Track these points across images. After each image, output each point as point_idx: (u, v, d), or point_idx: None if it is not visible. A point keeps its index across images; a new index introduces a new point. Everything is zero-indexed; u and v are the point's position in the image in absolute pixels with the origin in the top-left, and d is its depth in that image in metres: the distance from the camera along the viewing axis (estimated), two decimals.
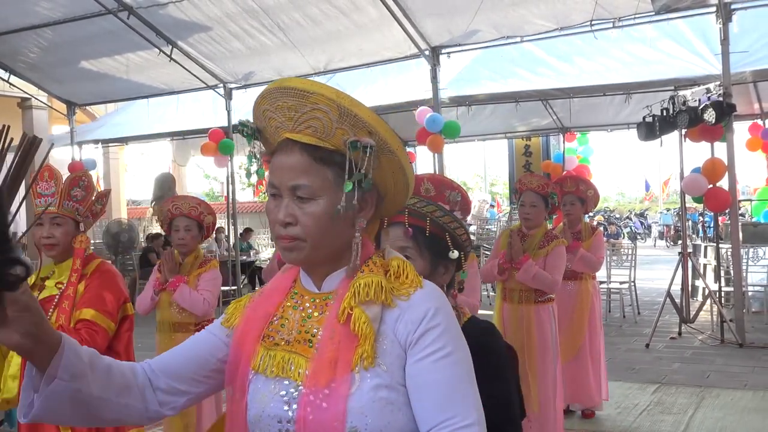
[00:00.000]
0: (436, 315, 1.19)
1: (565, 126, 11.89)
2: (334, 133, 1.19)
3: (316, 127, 1.20)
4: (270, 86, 1.24)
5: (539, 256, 4.11)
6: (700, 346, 7.49)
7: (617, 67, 9.17)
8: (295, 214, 1.21)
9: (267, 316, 1.30)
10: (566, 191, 5.11)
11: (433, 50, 9.01)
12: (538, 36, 8.69)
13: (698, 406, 5.29)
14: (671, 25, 8.59)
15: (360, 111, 1.18)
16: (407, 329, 1.19)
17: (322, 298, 1.27)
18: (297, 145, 1.22)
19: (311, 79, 1.22)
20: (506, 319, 4.16)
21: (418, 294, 1.22)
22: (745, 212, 15.29)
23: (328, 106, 1.17)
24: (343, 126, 1.19)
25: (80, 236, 2.55)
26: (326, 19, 8.65)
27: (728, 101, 7.26)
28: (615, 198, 48.09)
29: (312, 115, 1.19)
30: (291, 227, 1.21)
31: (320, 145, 1.21)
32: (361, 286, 1.20)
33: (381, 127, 1.20)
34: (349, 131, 1.19)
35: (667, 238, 26.02)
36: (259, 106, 1.27)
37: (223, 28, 9.14)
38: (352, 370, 1.16)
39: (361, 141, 1.18)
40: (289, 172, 1.21)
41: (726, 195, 7.57)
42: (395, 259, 1.28)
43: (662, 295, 7.98)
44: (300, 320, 1.26)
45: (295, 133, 1.22)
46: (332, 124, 1.19)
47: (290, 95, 1.20)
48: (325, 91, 1.18)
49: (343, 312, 1.19)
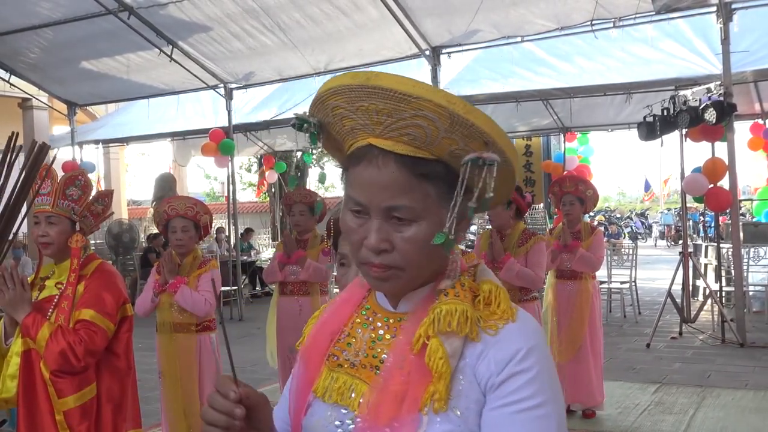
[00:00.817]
0: (527, 357, 0.99)
1: (565, 126, 11.88)
2: (439, 142, 0.99)
3: (416, 135, 0.98)
4: (346, 80, 1.00)
5: (519, 254, 4.14)
6: (700, 345, 7.48)
7: (618, 66, 9.16)
8: (392, 240, 1.01)
9: (335, 332, 1.15)
10: (565, 191, 5.11)
11: (433, 50, 9.01)
12: (538, 36, 8.69)
13: (699, 406, 5.28)
14: (672, 25, 8.58)
15: (476, 119, 0.97)
16: (490, 370, 1.00)
17: (396, 318, 1.10)
18: (391, 157, 1.00)
19: (389, 76, 0.99)
20: None
21: (508, 329, 1.02)
22: (746, 212, 15.28)
23: (437, 113, 0.96)
24: (453, 136, 0.98)
25: (76, 236, 2.53)
26: (327, 19, 8.65)
27: (729, 101, 7.25)
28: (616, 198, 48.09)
29: (412, 121, 0.97)
30: (386, 254, 1.02)
31: (420, 156, 1.00)
32: (442, 314, 1.01)
33: (499, 136, 0.99)
34: (459, 141, 0.98)
35: (667, 238, 26.02)
36: (329, 100, 1.04)
37: (223, 28, 9.14)
38: (419, 410, 0.99)
39: (483, 157, 0.97)
40: (384, 190, 1.00)
41: (727, 195, 7.57)
42: (487, 282, 1.08)
43: (663, 294, 7.97)
44: (369, 341, 1.10)
45: (384, 140, 1.01)
46: (438, 133, 0.98)
47: (383, 98, 0.97)
48: (433, 96, 0.96)
49: (418, 340, 1.02)
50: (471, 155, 0.98)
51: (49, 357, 2.35)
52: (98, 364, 2.49)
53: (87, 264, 2.58)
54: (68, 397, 2.37)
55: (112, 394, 2.51)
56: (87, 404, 2.40)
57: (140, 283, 11.23)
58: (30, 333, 2.36)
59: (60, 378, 2.37)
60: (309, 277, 4.68)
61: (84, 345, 2.37)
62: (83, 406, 2.39)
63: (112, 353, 2.54)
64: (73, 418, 2.36)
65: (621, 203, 43.55)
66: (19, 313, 2.39)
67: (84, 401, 2.39)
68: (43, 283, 2.57)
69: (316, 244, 4.81)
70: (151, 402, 4.62)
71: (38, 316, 2.39)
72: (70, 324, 2.44)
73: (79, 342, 2.37)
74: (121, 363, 2.56)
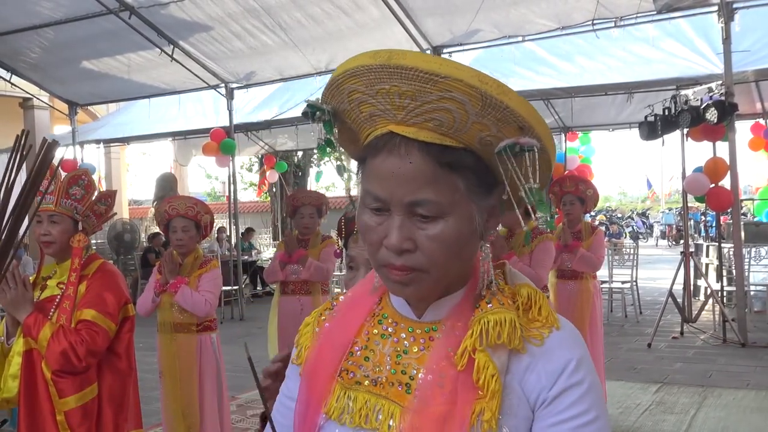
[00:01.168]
0: (578, 368, 0.91)
1: (566, 125, 11.87)
2: (469, 128, 0.87)
3: (443, 120, 0.87)
4: (366, 60, 0.90)
5: (524, 253, 4.14)
6: (702, 345, 7.48)
7: (619, 66, 9.16)
8: (415, 238, 0.90)
9: (346, 344, 1.01)
10: (566, 191, 5.11)
11: (434, 50, 9.01)
12: (539, 35, 8.69)
13: (700, 406, 5.28)
14: (673, 25, 8.57)
15: (511, 101, 0.86)
16: (541, 384, 0.91)
17: (423, 328, 0.98)
18: (414, 145, 0.89)
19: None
20: None
21: (554, 337, 0.93)
22: (747, 212, 15.27)
23: (467, 95, 0.84)
24: (484, 120, 0.87)
25: (78, 235, 2.53)
26: (328, 19, 8.65)
27: (730, 101, 7.25)
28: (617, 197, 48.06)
29: (439, 105, 0.86)
30: (409, 255, 0.90)
31: (447, 144, 0.89)
32: (490, 325, 0.91)
33: (536, 121, 0.88)
34: (491, 126, 0.87)
35: (668, 238, 26.01)
36: (344, 84, 0.94)
37: (224, 28, 9.14)
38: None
39: (521, 143, 0.87)
40: (407, 183, 0.89)
41: (728, 194, 7.56)
42: (524, 286, 0.98)
43: (664, 294, 7.97)
44: (393, 354, 0.98)
45: (406, 126, 0.89)
46: (468, 118, 0.86)
47: (407, 78, 0.86)
48: (463, 75, 0.84)
49: (463, 354, 0.91)
50: (507, 141, 0.87)
51: (51, 357, 2.35)
52: (99, 365, 2.49)
53: (89, 264, 2.58)
54: (69, 397, 2.37)
55: (113, 394, 2.50)
56: (88, 404, 2.40)
57: (141, 282, 11.23)
58: (31, 333, 2.36)
59: (61, 378, 2.37)
60: (310, 277, 4.68)
61: (85, 345, 2.37)
62: (84, 406, 2.39)
63: (114, 353, 2.54)
64: (74, 419, 2.36)
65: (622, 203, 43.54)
66: (21, 312, 2.39)
67: (85, 401, 2.39)
68: (45, 282, 2.57)
69: (317, 243, 4.80)
70: (152, 402, 4.62)
71: (40, 316, 2.39)
72: (72, 324, 2.43)
73: (80, 342, 2.37)
74: (123, 363, 2.56)
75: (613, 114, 11.05)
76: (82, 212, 2.56)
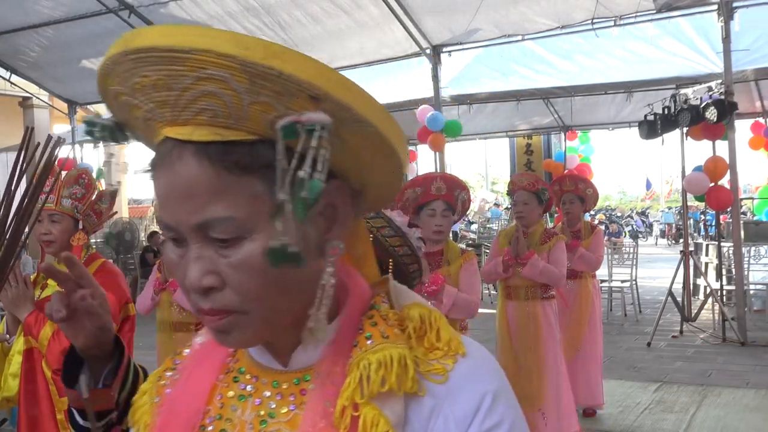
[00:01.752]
0: (495, 405, 0.72)
1: (566, 124, 11.88)
2: (248, 111, 0.65)
3: (216, 109, 0.65)
4: (111, 50, 0.69)
5: (542, 252, 4.14)
6: (701, 344, 7.48)
7: (618, 65, 9.17)
8: (219, 271, 0.69)
9: (195, 415, 0.78)
10: (565, 190, 5.12)
11: (434, 49, 9.01)
12: (539, 34, 8.69)
13: (700, 405, 5.28)
14: (672, 23, 8.58)
15: (287, 64, 0.63)
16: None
17: (292, 381, 0.76)
18: (188, 149, 0.67)
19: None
20: (512, 317, 4.16)
21: (461, 369, 0.73)
22: (746, 211, 15.27)
23: (226, 69, 0.63)
24: (261, 98, 0.64)
25: (78, 234, 2.54)
26: (327, 18, 8.65)
27: (730, 99, 7.25)
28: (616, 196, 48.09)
29: (200, 90, 0.64)
30: (216, 294, 0.69)
31: (233, 138, 0.66)
32: (372, 369, 0.70)
33: (334, 85, 0.65)
34: (274, 104, 0.64)
35: (668, 237, 26.03)
36: (108, 86, 0.72)
37: (223, 27, 9.13)
38: None
39: (301, 121, 0.63)
40: (186, 200, 0.68)
41: (728, 193, 7.56)
42: (415, 306, 0.77)
43: (664, 293, 7.97)
44: (256, 421, 0.76)
45: (179, 127, 0.67)
46: (241, 99, 0.64)
47: (151, 62, 0.65)
48: (212, 43, 0.63)
49: (343, 412, 0.70)
50: (284, 120, 0.64)
51: (51, 356, 2.35)
52: None
53: (90, 263, 2.58)
54: None
55: None
56: None
57: (141, 281, 11.23)
58: (32, 331, 2.37)
59: None
60: None
61: None
62: None
63: None
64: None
65: (622, 202, 43.56)
66: (22, 311, 2.39)
67: None
68: (45, 281, 2.58)
69: None
70: None
71: (40, 314, 2.39)
72: None
73: None
74: None
75: (613, 113, 11.06)
76: (82, 211, 2.57)
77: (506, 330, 4.16)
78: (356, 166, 0.72)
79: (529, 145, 13.62)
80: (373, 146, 0.70)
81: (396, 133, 0.71)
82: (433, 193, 3.25)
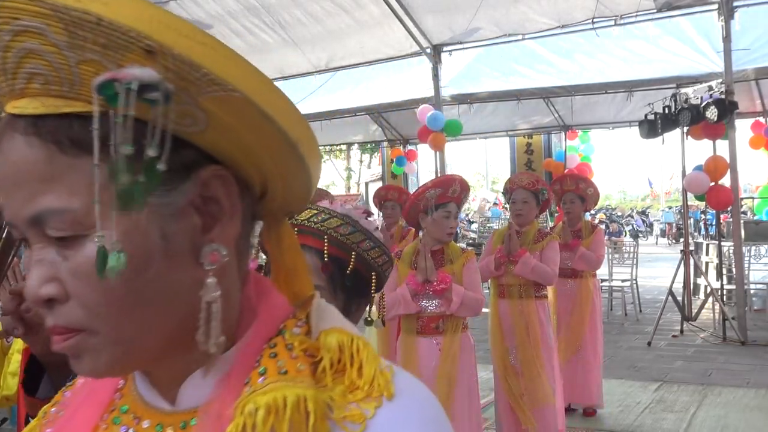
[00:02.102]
0: None
1: (566, 124, 11.86)
2: (78, 74, 0.52)
3: (45, 73, 0.52)
4: None
5: (534, 251, 4.15)
6: (701, 344, 7.48)
7: (619, 64, 9.16)
8: (61, 278, 0.55)
9: None
10: (566, 189, 5.12)
11: (434, 48, 9.01)
12: (539, 34, 8.69)
13: (700, 405, 5.28)
14: (673, 23, 8.57)
15: (113, 8, 0.50)
16: None
17: (178, 424, 0.60)
18: (19, 126, 0.54)
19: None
20: (504, 315, 4.16)
21: (383, 416, 0.56)
22: (747, 210, 15.28)
23: (38, 16, 0.50)
24: (88, 53, 0.51)
25: None
26: (327, 17, 8.65)
27: (730, 99, 7.25)
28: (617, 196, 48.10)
29: (20, 46, 0.52)
30: (59, 307, 0.56)
31: (65, 111, 0.53)
32: (260, 417, 0.54)
33: (173, 35, 0.52)
34: (103, 60, 0.51)
35: (668, 236, 26.03)
36: None
37: (224, 26, 9.14)
38: None
39: (119, 78, 0.49)
40: (17, 188, 0.55)
41: (728, 193, 7.56)
42: (333, 332, 0.61)
43: (664, 293, 7.97)
44: None
45: (16, 100, 0.55)
46: (66, 58, 0.51)
47: None
48: None
49: None
50: (99, 78, 0.50)
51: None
52: None
53: None
54: None
55: None
56: None
57: None
58: None
59: None
60: None
61: None
62: None
63: None
64: None
65: (622, 201, 43.58)
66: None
67: None
68: None
69: None
70: None
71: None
72: None
73: None
74: None
75: (613, 112, 11.04)
76: None
77: (498, 328, 4.16)
78: (241, 151, 0.57)
79: (529, 145, 13.61)
80: (252, 123, 0.56)
81: (281, 106, 0.57)
82: (450, 195, 3.28)
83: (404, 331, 3.32)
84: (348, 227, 1.38)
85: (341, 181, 27.98)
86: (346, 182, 27.77)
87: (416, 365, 3.21)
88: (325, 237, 1.35)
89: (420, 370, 3.18)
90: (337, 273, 1.35)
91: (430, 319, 3.24)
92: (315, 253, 1.34)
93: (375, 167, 22.42)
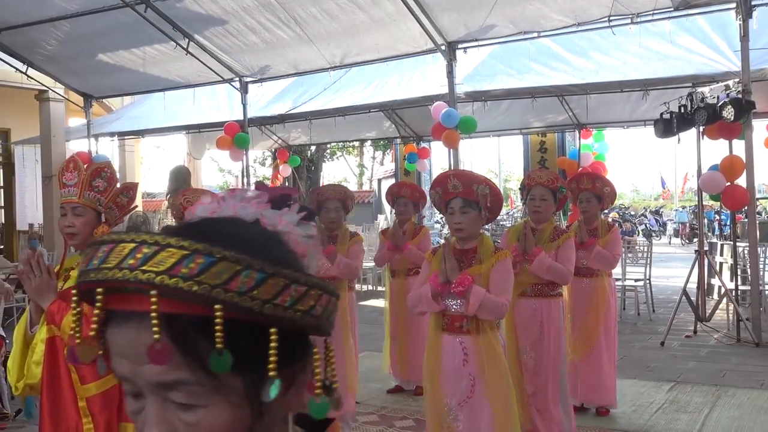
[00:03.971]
0: None
1: (581, 122, 11.81)
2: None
3: None
4: None
5: (550, 249, 4.12)
6: (715, 344, 7.44)
7: (635, 62, 9.10)
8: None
9: None
10: (583, 188, 5.10)
11: (449, 45, 9.00)
12: (555, 31, 8.66)
13: (714, 405, 5.26)
14: (690, 21, 8.51)
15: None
16: None
17: None
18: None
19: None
20: (518, 313, 4.14)
21: None
22: (761, 210, 15.17)
23: None
24: None
25: (101, 227, 2.56)
26: (342, 14, 8.66)
27: (747, 98, 7.18)
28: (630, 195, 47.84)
29: None
30: None
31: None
32: None
33: None
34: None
35: (682, 236, 25.85)
36: None
37: (239, 22, 9.17)
38: None
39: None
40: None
41: (744, 193, 7.51)
42: None
43: (677, 293, 7.94)
44: None
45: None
46: None
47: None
48: None
49: None
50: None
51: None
52: None
53: None
54: (90, 384, 2.40)
55: None
56: (109, 391, 2.42)
57: None
58: (55, 320, 2.39)
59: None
60: (339, 274, 4.54)
61: None
62: (105, 393, 2.41)
63: None
64: (95, 405, 2.39)
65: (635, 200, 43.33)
66: (45, 300, 2.42)
67: (106, 388, 2.41)
68: (68, 273, 2.60)
69: (345, 239, 4.72)
70: None
71: (63, 303, 2.42)
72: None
73: None
74: None
75: (628, 111, 10.98)
76: (105, 204, 2.59)
77: (512, 327, 4.14)
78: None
79: (543, 143, 13.58)
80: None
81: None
82: (450, 191, 3.25)
83: (432, 326, 3.32)
84: (207, 257, 0.64)
85: (353, 177, 28.01)
86: (359, 179, 27.78)
87: (440, 361, 3.21)
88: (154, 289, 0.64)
89: (443, 367, 3.19)
90: (192, 351, 0.65)
91: (454, 318, 3.21)
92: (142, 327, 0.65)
93: (388, 164, 22.42)
